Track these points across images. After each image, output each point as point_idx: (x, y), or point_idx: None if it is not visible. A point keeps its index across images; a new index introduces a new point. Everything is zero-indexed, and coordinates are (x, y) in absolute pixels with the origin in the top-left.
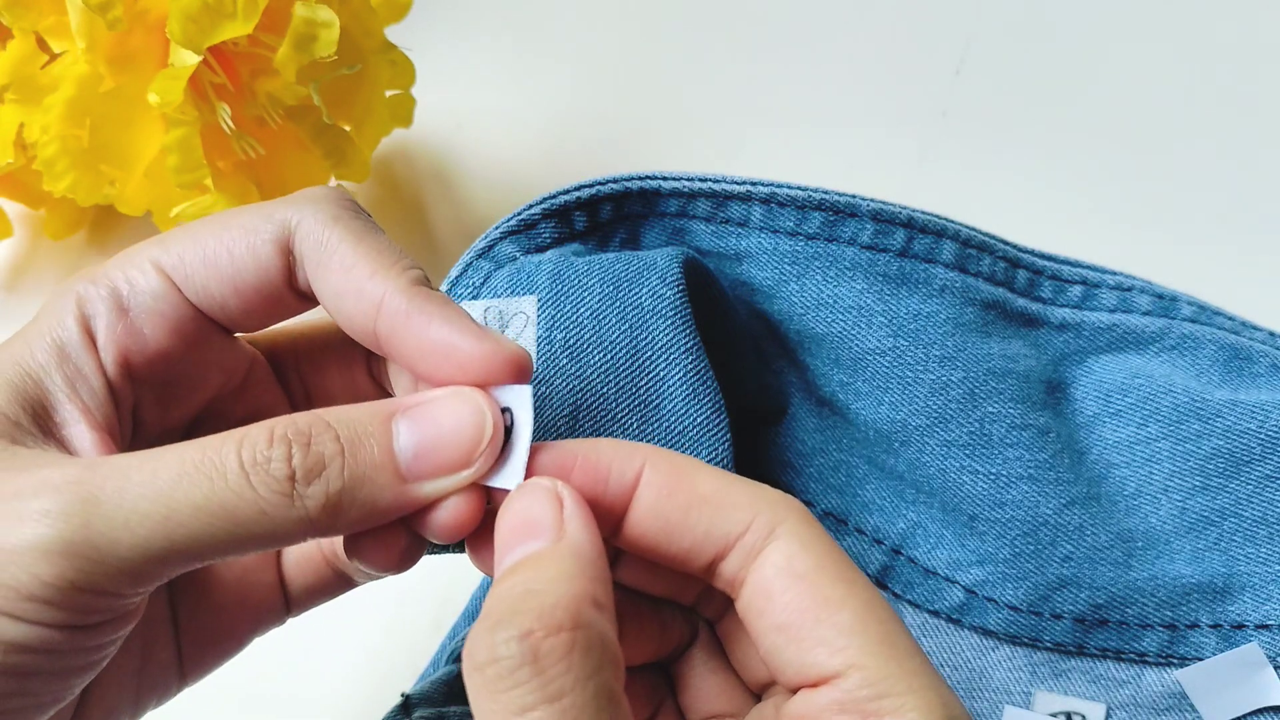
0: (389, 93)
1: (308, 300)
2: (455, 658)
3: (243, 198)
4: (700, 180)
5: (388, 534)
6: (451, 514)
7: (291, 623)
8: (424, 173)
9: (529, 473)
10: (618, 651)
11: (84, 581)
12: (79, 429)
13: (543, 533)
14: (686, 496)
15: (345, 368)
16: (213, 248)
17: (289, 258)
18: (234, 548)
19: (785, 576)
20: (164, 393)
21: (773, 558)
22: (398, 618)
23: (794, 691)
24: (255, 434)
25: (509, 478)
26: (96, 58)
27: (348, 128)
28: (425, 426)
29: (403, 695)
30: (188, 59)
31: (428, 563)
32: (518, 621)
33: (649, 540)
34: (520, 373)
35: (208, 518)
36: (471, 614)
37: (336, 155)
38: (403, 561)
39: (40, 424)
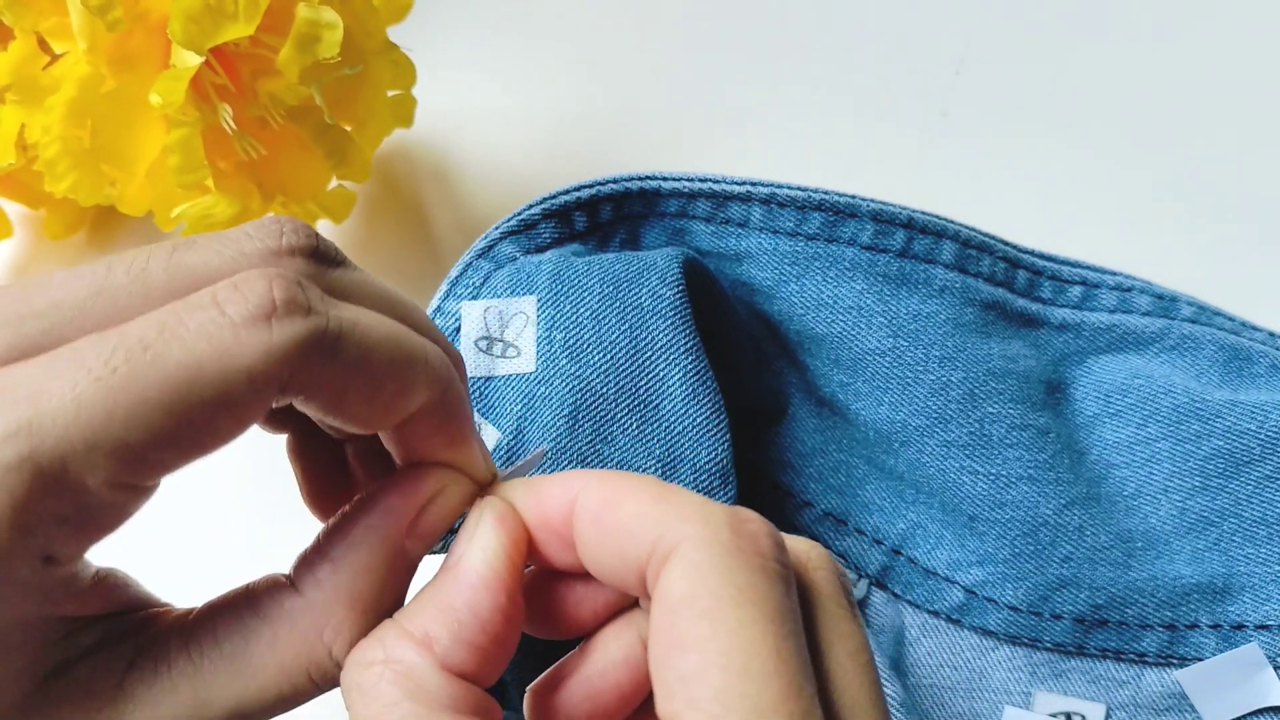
0: (390, 93)
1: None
2: None
3: (244, 198)
4: (700, 180)
5: None
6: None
7: None
8: (424, 172)
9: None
10: (430, 684)
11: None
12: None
13: (447, 558)
14: (609, 520)
15: None
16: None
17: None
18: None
19: (660, 607)
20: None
21: (660, 585)
22: None
23: None
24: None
25: None
26: (98, 58)
27: (349, 128)
28: (433, 538)
29: None
30: (189, 60)
31: (428, 563)
32: (358, 650)
33: (592, 568)
34: None
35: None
36: None
37: (338, 155)
38: None
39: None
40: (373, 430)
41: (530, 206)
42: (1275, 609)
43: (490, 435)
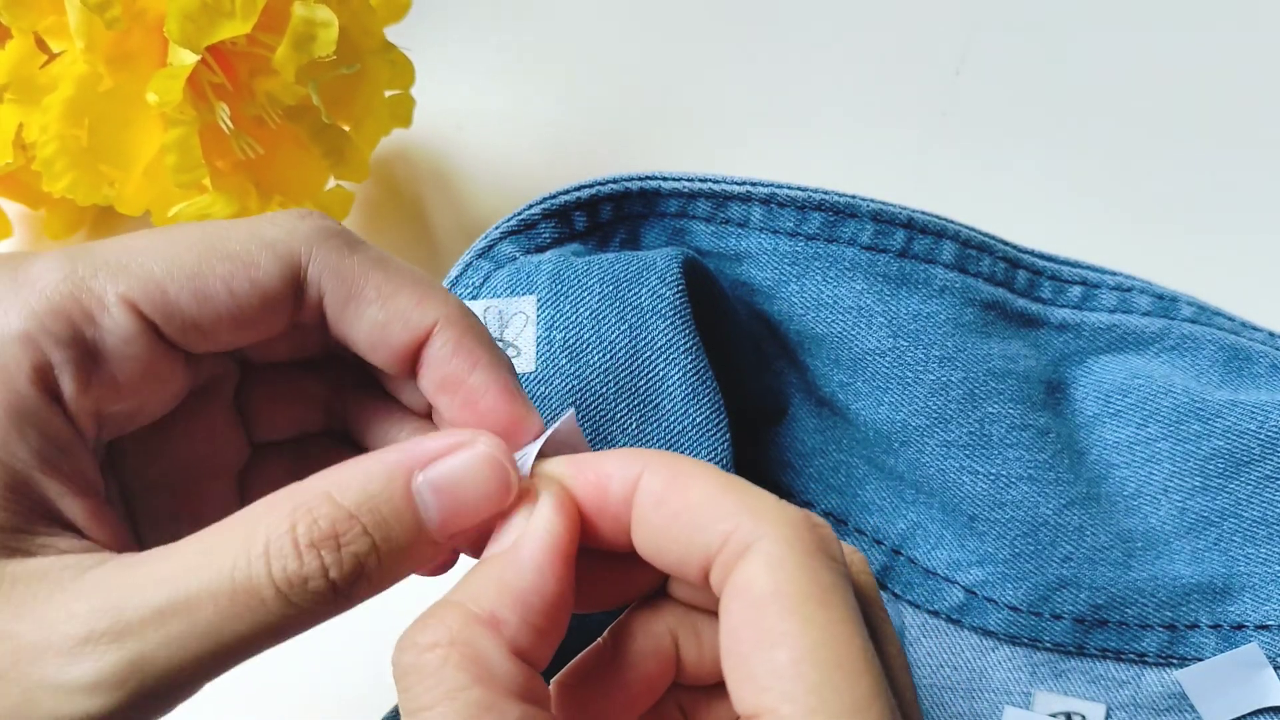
0: (388, 93)
1: (303, 333)
2: None
3: (242, 197)
4: (700, 180)
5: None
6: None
7: None
8: (423, 173)
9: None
10: (498, 669)
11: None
12: (66, 501)
13: (501, 538)
14: (676, 504)
15: (300, 393)
16: (207, 282)
17: (297, 290)
18: (272, 645)
19: (742, 600)
20: (126, 422)
21: (738, 578)
22: (398, 617)
23: None
24: (278, 544)
25: None
26: (95, 57)
27: (347, 127)
28: (448, 497)
29: None
30: (186, 58)
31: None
32: (414, 630)
33: (647, 550)
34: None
35: (252, 639)
36: None
37: (335, 155)
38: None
39: (24, 505)
40: (396, 350)
41: (530, 206)
42: (1275, 609)
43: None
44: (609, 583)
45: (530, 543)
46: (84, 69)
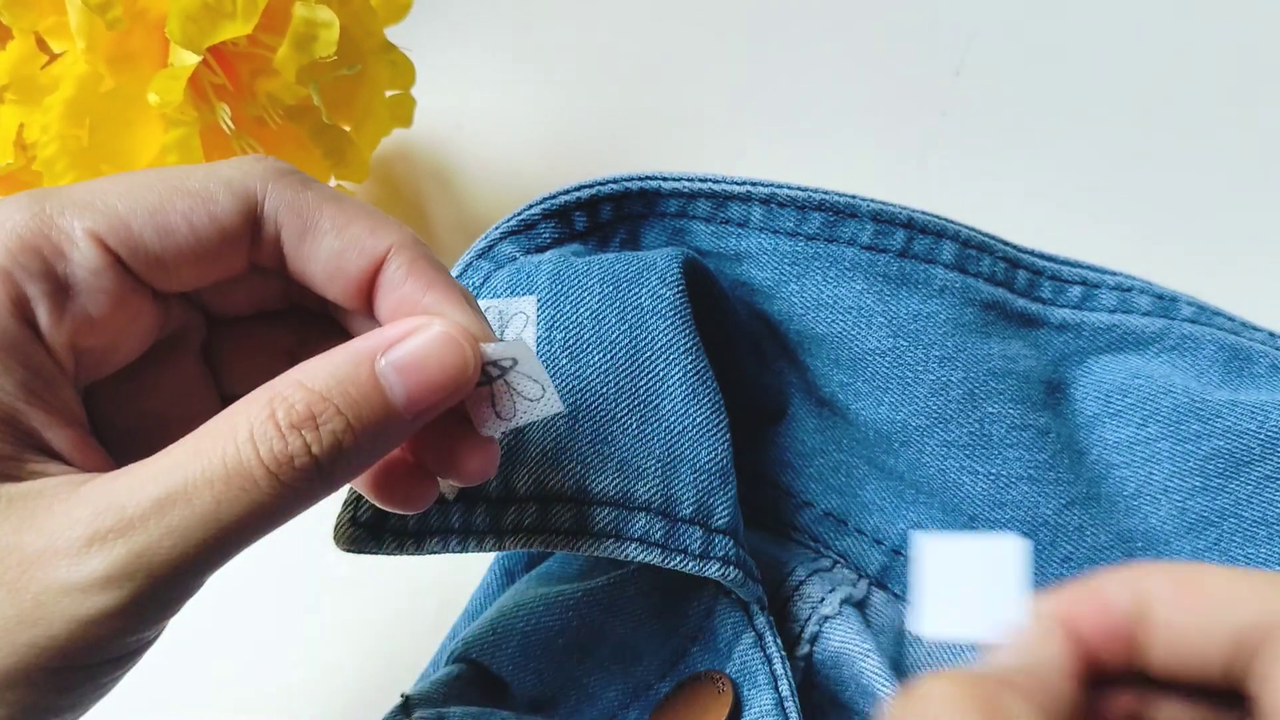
0: (389, 93)
1: (264, 281)
2: (455, 658)
3: None
4: (700, 180)
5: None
6: (478, 465)
7: (292, 622)
8: (424, 173)
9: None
10: None
11: (143, 619)
12: (53, 432)
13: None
14: (1193, 597)
15: (268, 332)
16: (169, 217)
17: (255, 226)
18: (267, 531)
19: None
20: (101, 360)
21: None
22: (398, 618)
23: None
24: (262, 429)
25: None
26: (96, 58)
27: (347, 128)
28: (410, 375)
29: (403, 695)
30: (187, 59)
31: (428, 564)
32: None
33: (1159, 659)
34: None
35: (248, 520)
36: (472, 614)
37: (336, 155)
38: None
39: (13, 435)
40: (346, 283)
41: (530, 207)
42: None
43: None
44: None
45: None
46: (85, 69)
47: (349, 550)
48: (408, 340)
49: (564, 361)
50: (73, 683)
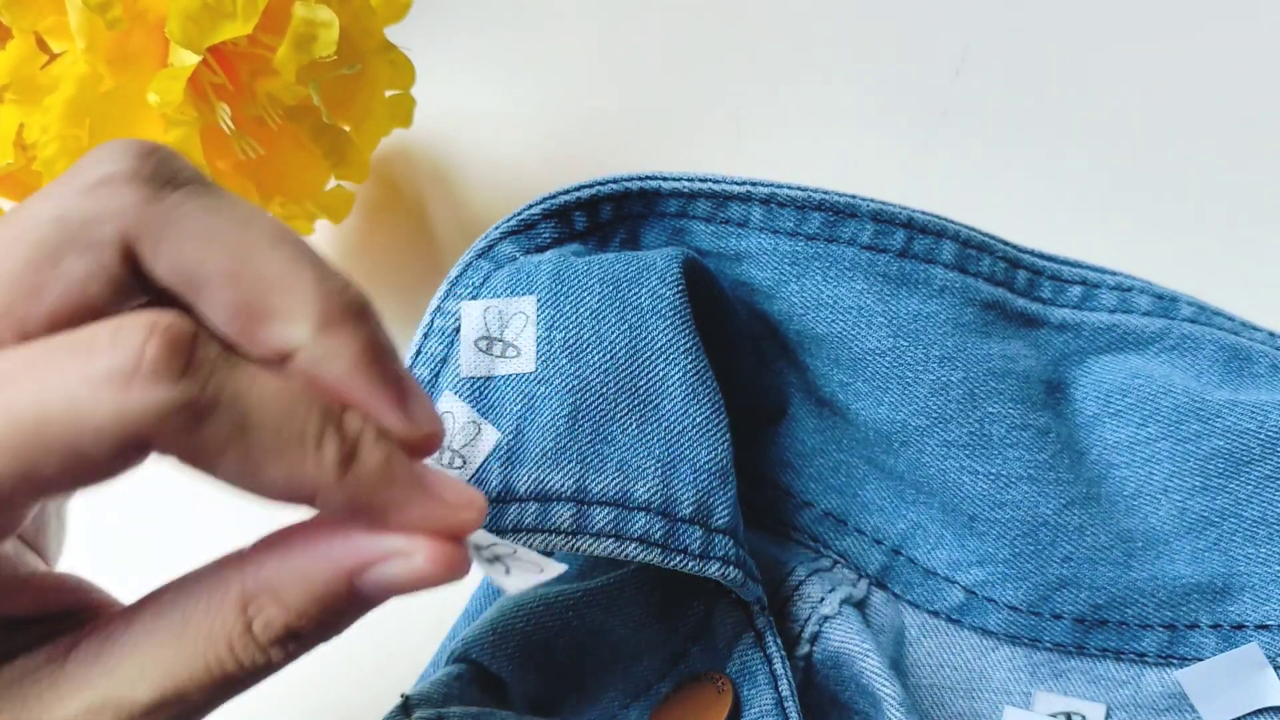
0: (389, 93)
1: None
2: (455, 658)
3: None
4: (700, 180)
5: None
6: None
7: None
8: (424, 173)
9: None
10: None
11: None
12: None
13: None
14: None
15: None
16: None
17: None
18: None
19: None
20: None
21: None
22: (398, 618)
23: None
24: (242, 640)
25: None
26: (96, 58)
27: (347, 128)
28: (396, 591)
29: (403, 696)
30: (187, 59)
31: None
32: None
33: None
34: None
35: (220, 702)
36: (471, 614)
37: (336, 155)
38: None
39: None
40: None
41: (530, 206)
42: (1275, 609)
43: (490, 436)
44: None
45: None
46: (85, 69)
47: None
48: (391, 565)
49: (563, 361)
50: None
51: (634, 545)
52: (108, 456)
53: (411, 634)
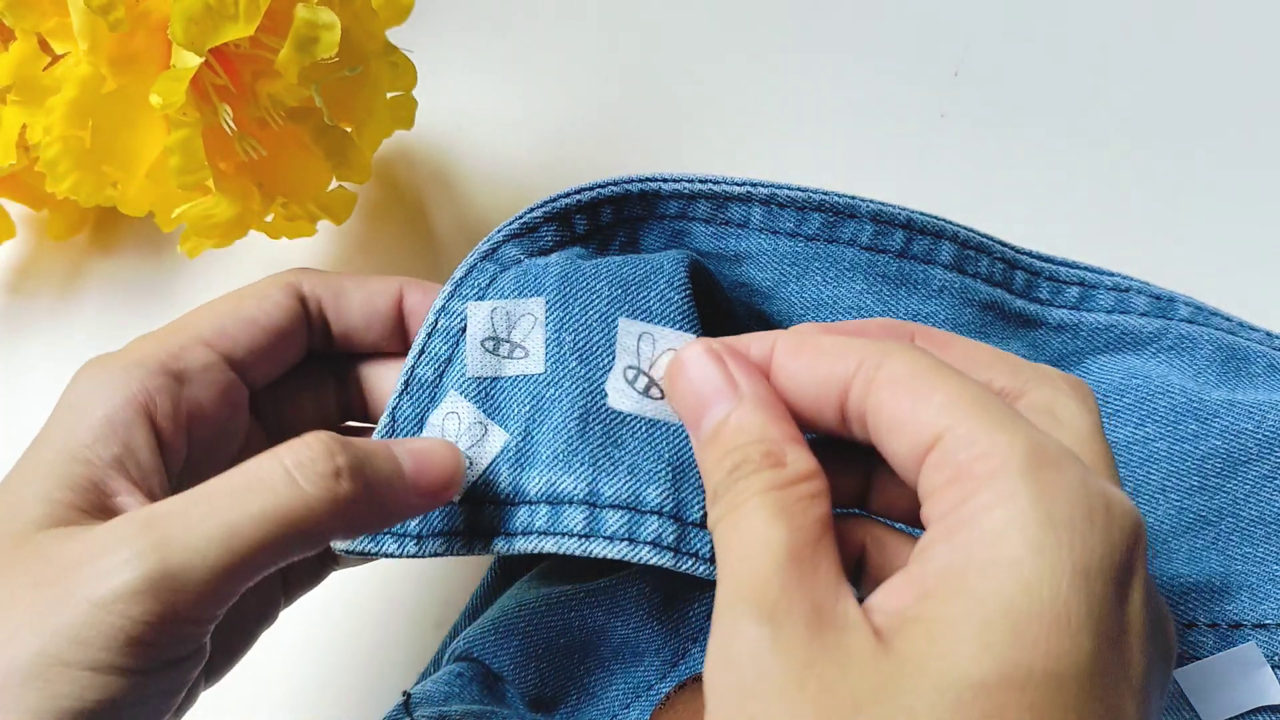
0: (390, 94)
1: (318, 339)
2: (456, 656)
3: (245, 198)
4: (700, 181)
5: None
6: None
7: (292, 621)
8: (425, 174)
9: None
10: (822, 474)
11: (170, 612)
12: (129, 499)
13: (723, 396)
14: (810, 352)
15: (317, 398)
16: (247, 312)
17: (303, 302)
18: (289, 548)
19: (888, 389)
20: (205, 457)
21: (880, 380)
22: (398, 617)
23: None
24: (294, 443)
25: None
26: (98, 59)
27: (349, 129)
28: (416, 458)
29: (404, 694)
30: (189, 60)
31: (428, 563)
32: (743, 465)
33: (789, 397)
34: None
35: (264, 524)
36: (471, 613)
37: (338, 156)
38: None
39: (93, 500)
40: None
41: (532, 210)
42: (1273, 608)
43: (498, 437)
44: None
45: (759, 385)
46: (87, 71)
47: (349, 554)
48: (418, 440)
49: (573, 363)
50: (106, 689)
51: (647, 549)
52: (313, 544)
53: (411, 633)
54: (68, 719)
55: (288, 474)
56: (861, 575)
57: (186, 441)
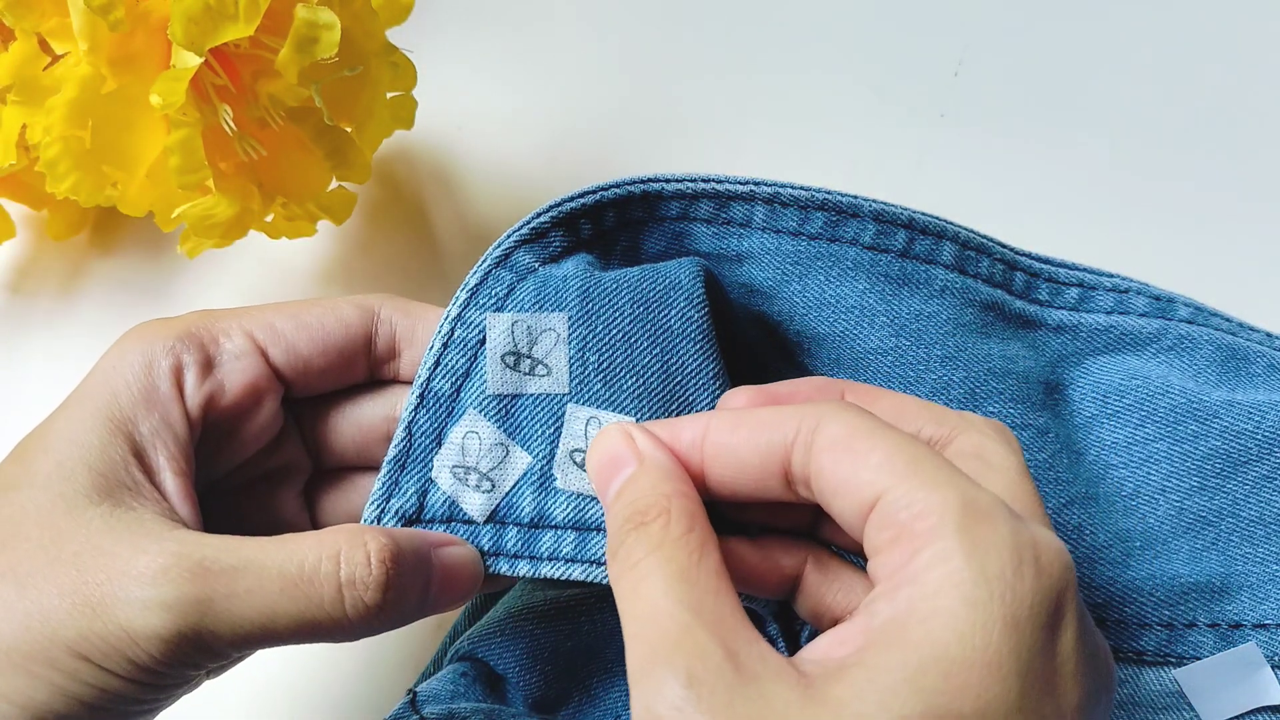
0: (390, 94)
1: (375, 364)
2: (460, 656)
3: (245, 198)
4: (703, 181)
5: None
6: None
7: None
8: (425, 174)
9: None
10: (706, 523)
11: (190, 660)
12: (166, 475)
13: (625, 463)
14: (747, 426)
15: (360, 426)
16: (304, 318)
17: (372, 327)
18: (311, 640)
19: (828, 453)
20: (221, 443)
21: (819, 445)
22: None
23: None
24: (350, 553)
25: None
26: (99, 59)
27: (349, 129)
28: (446, 575)
29: (410, 691)
30: (189, 60)
31: None
32: (633, 517)
33: (729, 475)
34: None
35: (301, 624)
36: (471, 614)
37: (338, 156)
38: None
39: (135, 474)
40: None
41: (539, 215)
42: (1272, 608)
43: (520, 460)
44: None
45: (656, 451)
46: (87, 71)
47: None
48: (456, 548)
49: (597, 385)
50: (103, 686)
51: None
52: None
53: (411, 633)
54: (73, 704)
55: (338, 593)
56: (798, 593)
57: (201, 420)
